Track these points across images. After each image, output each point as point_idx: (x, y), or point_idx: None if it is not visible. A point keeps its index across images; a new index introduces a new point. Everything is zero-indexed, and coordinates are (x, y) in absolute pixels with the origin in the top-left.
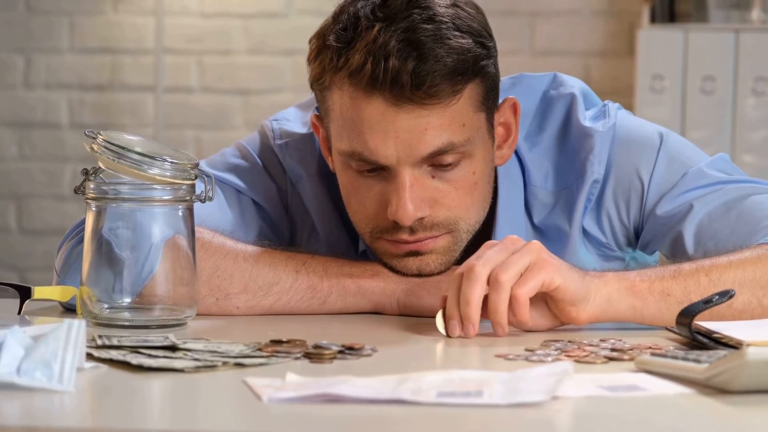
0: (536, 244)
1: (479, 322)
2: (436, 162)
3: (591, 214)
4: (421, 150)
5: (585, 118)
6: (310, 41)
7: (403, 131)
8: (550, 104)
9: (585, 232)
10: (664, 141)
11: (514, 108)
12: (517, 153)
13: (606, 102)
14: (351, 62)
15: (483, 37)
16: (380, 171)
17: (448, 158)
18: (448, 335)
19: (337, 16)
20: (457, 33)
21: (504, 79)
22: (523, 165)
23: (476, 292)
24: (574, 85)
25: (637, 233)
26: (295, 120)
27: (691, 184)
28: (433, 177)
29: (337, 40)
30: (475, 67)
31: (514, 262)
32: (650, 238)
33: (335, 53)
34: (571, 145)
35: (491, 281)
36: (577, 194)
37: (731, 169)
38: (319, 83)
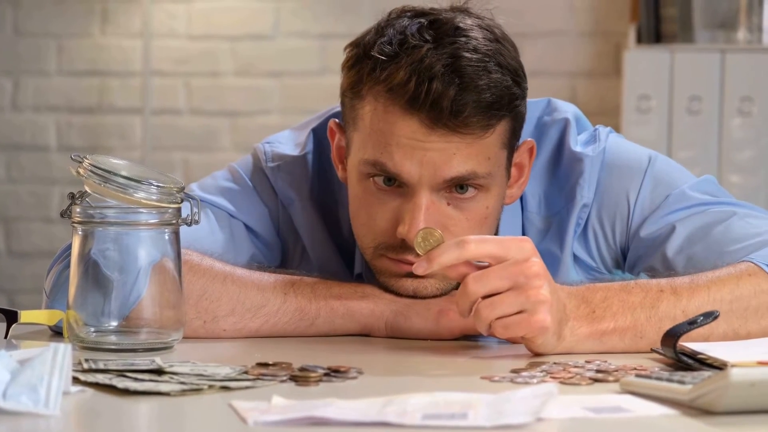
0: (538, 271)
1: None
2: (454, 189)
3: (579, 238)
4: (445, 173)
5: (576, 143)
6: (345, 49)
7: (431, 152)
8: (544, 131)
9: (575, 257)
10: (651, 163)
11: (531, 151)
12: None
13: (597, 126)
14: (394, 77)
15: (519, 76)
16: (397, 187)
17: (468, 185)
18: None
19: (381, 30)
20: (497, 68)
21: None
22: None
23: (459, 296)
24: (567, 110)
25: (624, 254)
26: (287, 142)
27: (673, 206)
28: (448, 204)
29: (380, 53)
30: (509, 105)
31: (505, 302)
32: (635, 260)
33: (378, 65)
34: (562, 170)
35: (475, 310)
36: (568, 219)
37: (716, 190)
38: (353, 91)
